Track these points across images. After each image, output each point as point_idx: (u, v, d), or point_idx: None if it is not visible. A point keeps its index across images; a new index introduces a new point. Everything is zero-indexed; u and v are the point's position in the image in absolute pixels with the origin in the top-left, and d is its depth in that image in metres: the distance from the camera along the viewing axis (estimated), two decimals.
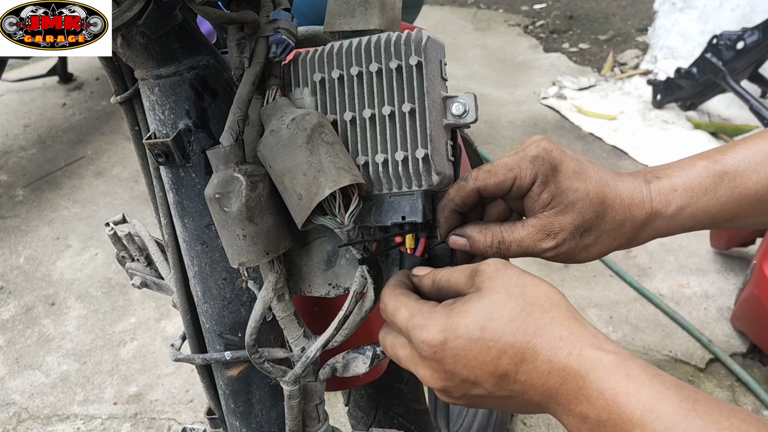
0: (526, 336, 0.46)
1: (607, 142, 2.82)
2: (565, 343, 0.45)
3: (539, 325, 0.46)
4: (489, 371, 0.47)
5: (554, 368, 0.45)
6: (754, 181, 0.55)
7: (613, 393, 0.42)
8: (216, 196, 0.52)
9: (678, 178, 0.57)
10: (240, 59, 0.54)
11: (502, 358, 0.46)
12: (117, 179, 2.73)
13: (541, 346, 0.46)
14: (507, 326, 0.47)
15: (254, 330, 0.60)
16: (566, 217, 0.54)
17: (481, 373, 0.47)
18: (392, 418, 1.04)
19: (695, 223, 0.57)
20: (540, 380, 0.45)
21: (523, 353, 0.46)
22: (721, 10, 3.06)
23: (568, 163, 0.55)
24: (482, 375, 0.47)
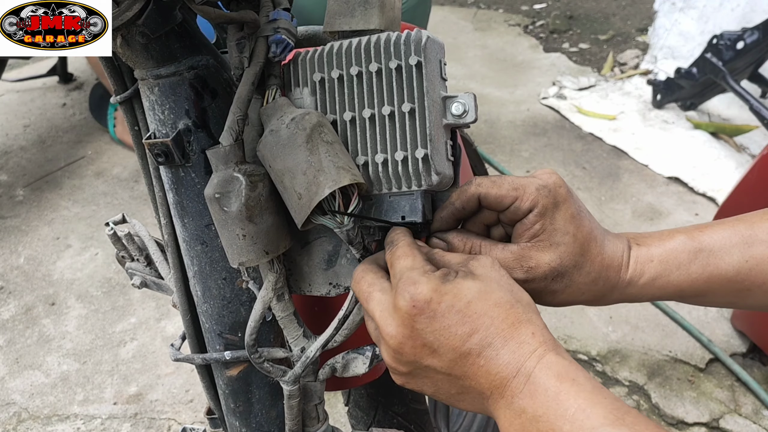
0: (503, 324, 0.48)
1: (607, 142, 2.82)
2: (534, 340, 0.47)
3: (518, 319, 0.48)
4: (454, 345, 0.48)
5: (513, 360, 0.46)
6: (726, 262, 0.57)
7: (556, 391, 0.44)
8: (216, 196, 0.53)
9: (656, 248, 0.58)
10: (240, 59, 0.54)
11: (473, 336, 0.47)
12: (117, 179, 2.73)
13: (511, 336, 0.47)
14: (490, 309, 0.48)
15: (254, 330, 0.60)
16: (546, 255, 0.55)
17: (446, 343, 0.48)
18: (392, 418, 1.04)
19: (663, 294, 0.59)
20: (496, 368, 0.47)
21: (493, 338, 0.47)
22: (721, 10, 3.06)
23: (570, 204, 0.56)
24: (446, 345, 0.48)
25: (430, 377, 0.50)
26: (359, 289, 0.54)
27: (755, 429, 1.67)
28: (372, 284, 0.53)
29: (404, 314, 0.49)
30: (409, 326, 0.49)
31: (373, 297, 0.52)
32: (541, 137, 2.89)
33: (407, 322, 0.49)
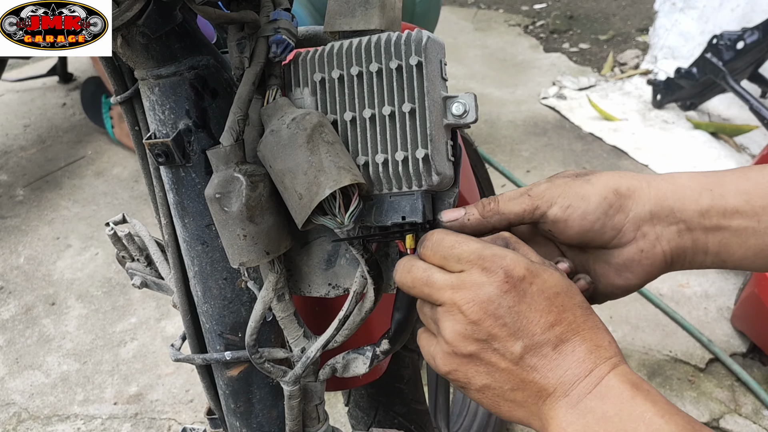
0: (584, 324, 0.47)
1: (607, 142, 2.82)
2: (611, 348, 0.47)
3: (597, 325, 0.48)
4: (534, 331, 0.47)
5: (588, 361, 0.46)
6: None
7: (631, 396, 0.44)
8: (216, 196, 0.52)
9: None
10: (240, 59, 0.54)
11: (554, 327, 0.47)
12: (117, 179, 2.73)
13: (590, 339, 0.47)
14: (575, 308, 0.48)
15: (254, 330, 0.60)
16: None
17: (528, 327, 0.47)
18: (392, 418, 1.04)
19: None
20: (569, 365, 0.46)
21: (573, 335, 0.47)
22: (721, 10, 3.06)
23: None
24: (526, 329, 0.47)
25: (492, 365, 0.48)
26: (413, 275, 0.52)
27: (755, 429, 1.67)
28: (428, 269, 0.51)
29: (494, 288, 0.47)
30: (495, 301, 0.47)
31: (435, 277, 0.50)
32: (541, 137, 2.89)
33: (494, 297, 0.47)
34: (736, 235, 0.53)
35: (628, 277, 0.56)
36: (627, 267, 0.55)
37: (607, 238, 0.55)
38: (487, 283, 0.47)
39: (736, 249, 0.53)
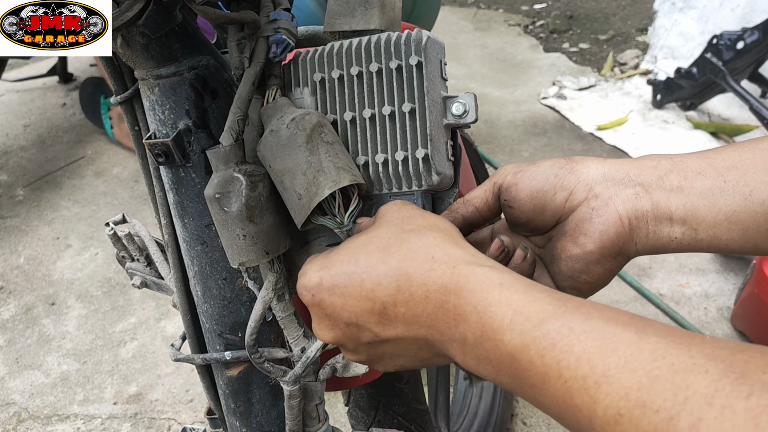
0: (399, 262, 0.44)
1: (607, 142, 2.82)
2: (438, 263, 0.43)
3: (411, 248, 0.44)
4: (368, 308, 0.45)
5: (430, 291, 0.42)
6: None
7: (485, 304, 0.40)
8: (216, 196, 0.52)
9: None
10: (240, 59, 0.54)
11: (377, 289, 0.44)
12: (117, 179, 2.73)
13: (413, 269, 0.43)
14: (380, 255, 0.45)
15: (254, 330, 0.60)
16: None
17: (361, 312, 0.45)
18: (392, 418, 1.04)
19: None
20: (419, 308, 0.43)
21: (397, 280, 0.43)
22: (721, 10, 3.06)
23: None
24: (362, 313, 0.45)
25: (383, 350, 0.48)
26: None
27: None
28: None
29: (314, 310, 0.47)
30: (323, 316, 0.47)
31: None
32: (541, 137, 2.89)
33: (320, 314, 0.47)
34: (702, 196, 0.49)
35: (582, 241, 0.51)
36: (580, 229, 0.51)
37: (558, 200, 0.52)
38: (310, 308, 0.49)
39: (705, 213, 0.48)
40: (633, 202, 0.50)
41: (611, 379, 0.33)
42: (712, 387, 0.30)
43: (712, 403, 0.29)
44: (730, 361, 0.31)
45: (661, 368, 0.32)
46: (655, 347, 0.33)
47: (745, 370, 0.30)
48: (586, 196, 0.51)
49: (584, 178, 0.51)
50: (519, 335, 0.38)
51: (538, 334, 0.37)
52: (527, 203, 0.53)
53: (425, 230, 0.46)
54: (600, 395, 0.33)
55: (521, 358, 0.37)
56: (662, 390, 0.31)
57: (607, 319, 0.36)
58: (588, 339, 0.35)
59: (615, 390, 0.33)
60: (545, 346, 0.36)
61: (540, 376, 0.36)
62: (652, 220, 0.50)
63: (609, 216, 0.50)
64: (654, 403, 0.31)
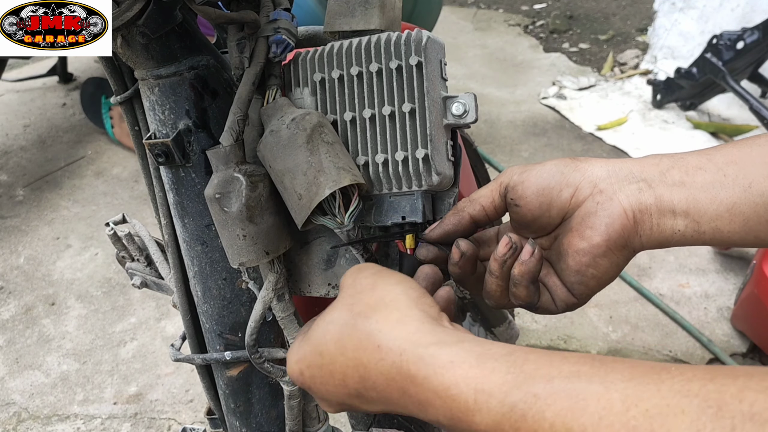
0: (353, 353, 0.44)
1: (607, 142, 2.82)
2: (385, 351, 0.43)
3: (360, 337, 0.44)
4: (346, 393, 0.46)
5: (388, 379, 0.42)
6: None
7: (444, 388, 0.39)
8: (216, 196, 0.52)
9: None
10: (240, 59, 0.54)
11: (346, 379, 0.45)
12: (117, 179, 2.73)
13: (367, 359, 0.43)
14: (336, 346, 0.45)
15: (254, 330, 0.60)
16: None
17: (343, 396, 0.46)
18: (392, 418, 1.03)
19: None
20: (386, 393, 0.43)
21: (357, 371, 0.44)
22: (721, 10, 3.06)
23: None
24: (345, 397, 0.46)
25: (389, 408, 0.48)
26: None
27: None
28: None
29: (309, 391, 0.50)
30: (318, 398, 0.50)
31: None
32: (541, 137, 2.89)
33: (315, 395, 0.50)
34: (703, 190, 0.50)
35: (588, 235, 0.52)
36: (586, 223, 0.52)
37: (564, 196, 0.53)
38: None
39: (707, 205, 0.50)
40: (636, 196, 0.51)
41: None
42: (693, 428, 0.29)
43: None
44: (703, 394, 0.30)
45: (637, 417, 0.31)
46: (624, 395, 0.33)
47: (721, 402, 0.29)
48: (590, 192, 0.52)
49: (588, 175, 0.53)
50: (488, 414, 0.37)
51: (505, 410, 0.36)
52: (534, 201, 0.54)
53: (371, 311, 0.46)
54: None
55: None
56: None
57: (568, 375, 0.36)
58: (556, 402, 0.35)
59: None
60: (517, 419, 0.36)
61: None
62: (655, 213, 0.51)
63: (614, 209, 0.51)
64: None
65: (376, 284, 0.48)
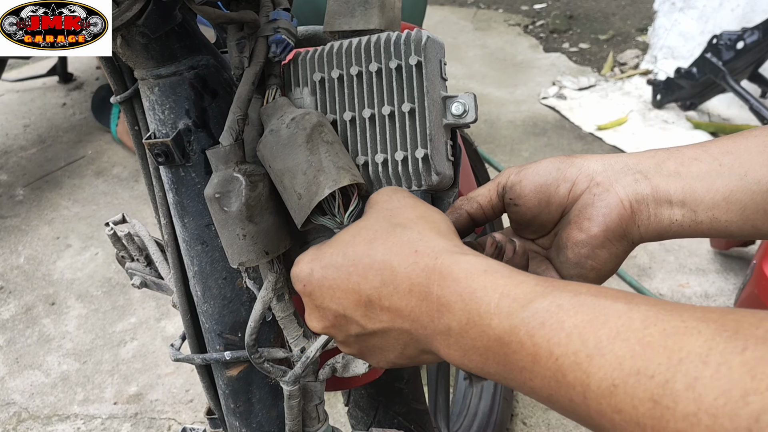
0: (383, 255, 0.44)
1: (607, 142, 2.82)
2: (421, 255, 0.42)
3: (396, 242, 0.44)
4: (354, 300, 0.45)
5: (414, 284, 0.42)
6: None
7: (470, 290, 0.39)
8: (216, 196, 0.52)
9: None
10: (240, 59, 0.54)
11: (362, 282, 0.44)
12: (117, 179, 2.73)
13: (398, 263, 0.43)
14: (366, 248, 0.45)
15: (254, 330, 0.60)
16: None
17: (348, 304, 0.45)
18: (392, 418, 1.04)
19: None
20: (402, 301, 0.43)
21: (381, 274, 0.43)
22: (721, 10, 3.06)
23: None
24: (349, 305, 0.45)
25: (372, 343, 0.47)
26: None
27: None
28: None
29: (305, 299, 0.48)
30: (313, 306, 0.48)
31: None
32: (541, 137, 2.89)
33: (310, 303, 0.48)
34: (698, 179, 0.50)
35: (587, 226, 0.52)
36: (584, 215, 0.52)
37: (562, 192, 0.53)
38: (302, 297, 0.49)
39: (703, 194, 0.50)
40: (633, 187, 0.52)
41: (603, 351, 0.33)
42: (705, 346, 0.30)
43: (707, 362, 0.29)
44: (722, 321, 0.31)
45: (653, 334, 0.32)
46: (645, 315, 0.33)
47: (738, 327, 0.30)
48: (588, 185, 0.53)
49: (585, 169, 0.53)
50: (507, 318, 0.37)
51: (526, 315, 0.36)
52: (532, 198, 0.54)
53: (412, 223, 0.46)
54: (593, 368, 0.33)
55: (510, 341, 0.37)
56: (656, 355, 0.31)
57: (596, 293, 0.36)
58: (578, 314, 0.35)
59: (608, 361, 0.32)
60: (534, 326, 0.36)
61: (530, 358, 0.36)
62: (652, 202, 0.51)
63: (611, 200, 0.52)
64: (648, 369, 0.31)
65: (416, 204, 0.48)
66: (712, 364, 0.29)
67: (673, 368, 0.30)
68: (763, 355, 0.28)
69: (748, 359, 0.28)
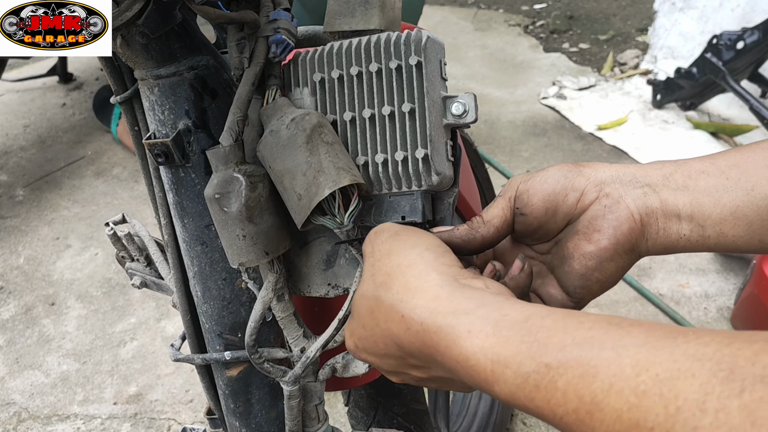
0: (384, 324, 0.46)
1: (607, 142, 2.82)
2: (408, 322, 0.44)
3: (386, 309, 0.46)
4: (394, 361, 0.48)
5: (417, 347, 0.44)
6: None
7: (464, 358, 0.40)
8: (216, 197, 0.52)
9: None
10: (240, 59, 0.54)
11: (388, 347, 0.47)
12: (117, 179, 2.73)
13: (396, 330, 0.45)
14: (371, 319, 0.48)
15: (254, 330, 0.60)
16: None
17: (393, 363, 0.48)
18: (392, 418, 1.03)
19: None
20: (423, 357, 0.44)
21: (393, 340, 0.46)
22: (721, 10, 3.06)
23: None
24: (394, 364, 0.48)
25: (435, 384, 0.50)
26: None
27: None
28: None
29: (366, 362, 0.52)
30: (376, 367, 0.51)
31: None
32: (541, 137, 2.89)
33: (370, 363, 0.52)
34: (706, 194, 0.50)
35: (596, 238, 0.52)
36: (593, 226, 0.52)
37: (570, 201, 0.53)
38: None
39: (711, 209, 0.50)
40: (642, 200, 0.52)
41: (601, 405, 0.33)
42: (701, 391, 0.29)
43: (704, 409, 0.29)
44: (717, 358, 0.30)
45: (647, 382, 0.31)
46: (635, 360, 0.33)
47: (734, 366, 0.29)
48: (597, 196, 0.53)
49: (593, 179, 0.53)
50: (504, 385, 0.38)
51: (520, 381, 0.37)
52: (540, 207, 0.54)
53: (391, 280, 0.47)
54: (595, 423, 0.33)
55: (517, 404, 0.38)
56: (652, 405, 0.30)
57: (581, 342, 0.36)
58: (567, 371, 0.35)
59: (607, 415, 0.32)
60: (531, 390, 0.37)
61: (539, 415, 0.37)
62: (661, 216, 0.51)
63: (621, 212, 0.51)
64: (647, 421, 0.30)
65: (392, 250, 0.49)
66: (710, 411, 0.28)
67: (672, 418, 0.29)
68: (762, 397, 0.27)
69: (747, 402, 0.27)
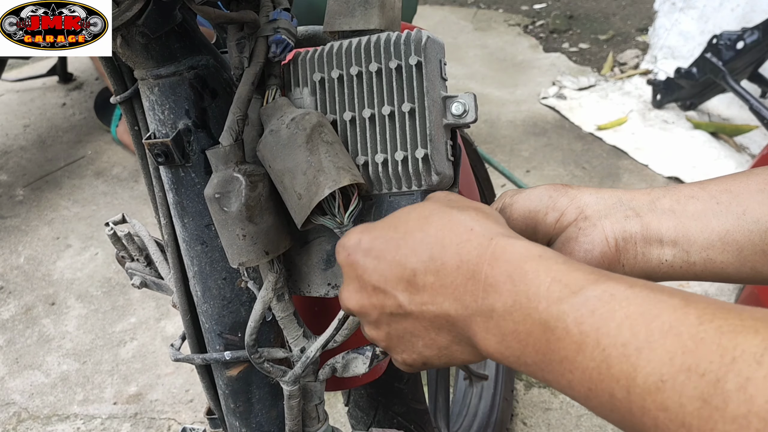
0: (437, 231, 0.43)
1: (607, 142, 2.82)
2: (475, 234, 0.42)
3: (451, 219, 0.43)
4: (397, 273, 0.44)
5: (463, 261, 0.41)
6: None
7: (522, 272, 0.38)
8: (216, 196, 0.53)
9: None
10: (240, 59, 0.54)
11: (410, 255, 0.43)
12: (117, 179, 2.73)
13: (450, 240, 0.42)
14: (420, 223, 0.44)
15: (254, 330, 0.60)
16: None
17: (391, 277, 0.44)
18: (392, 418, 1.04)
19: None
20: (448, 278, 0.41)
21: (431, 248, 0.43)
22: (721, 10, 3.06)
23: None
24: (391, 279, 0.44)
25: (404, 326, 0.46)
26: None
27: None
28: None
29: (346, 270, 0.47)
30: (353, 278, 0.47)
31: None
32: (541, 137, 2.89)
33: (351, 274, 0.47)
34: (694, 218, 0.49)
35: None
36: (565, 249, 0.51)
37: (549, 220, 0.52)
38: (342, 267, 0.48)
39: (697, 234, 0.48)
40: (622, 224, 0.50)
41: (654, 344, 0.31)
42: (762, 346, 0.28)
43: (761, 362, 0.28)
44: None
45: (708, 331, 0.30)
46: (702, 312, 0.32)
47: None
48: (575, 218, 0.52)
49: (577, 201, 0.52)
50: (555, 302, 0.36)
51: (577, 301, 0.35)
52: (520, 223, 0.54)
53: (468, 208, 0.45)
54: (641, 362, 0.31)
55: (556, 326, 0.36)
56: (708, 352, 0.29)
57: (652, 287, 0.35)
58: (631, 305, 0.34)
59: (658, 356, 0.31)
60: (584, 313, 0.35)
61: (575, 347, 0.35)
62: (640, 241, 0.50)
63: (595, 236, 0.50)
64: (700, 367, 0.29)
65: (471, 201, 0.48)
66: (766, 365, 0.28)
67: (726, 367, 0.29)
68: None
69: None
